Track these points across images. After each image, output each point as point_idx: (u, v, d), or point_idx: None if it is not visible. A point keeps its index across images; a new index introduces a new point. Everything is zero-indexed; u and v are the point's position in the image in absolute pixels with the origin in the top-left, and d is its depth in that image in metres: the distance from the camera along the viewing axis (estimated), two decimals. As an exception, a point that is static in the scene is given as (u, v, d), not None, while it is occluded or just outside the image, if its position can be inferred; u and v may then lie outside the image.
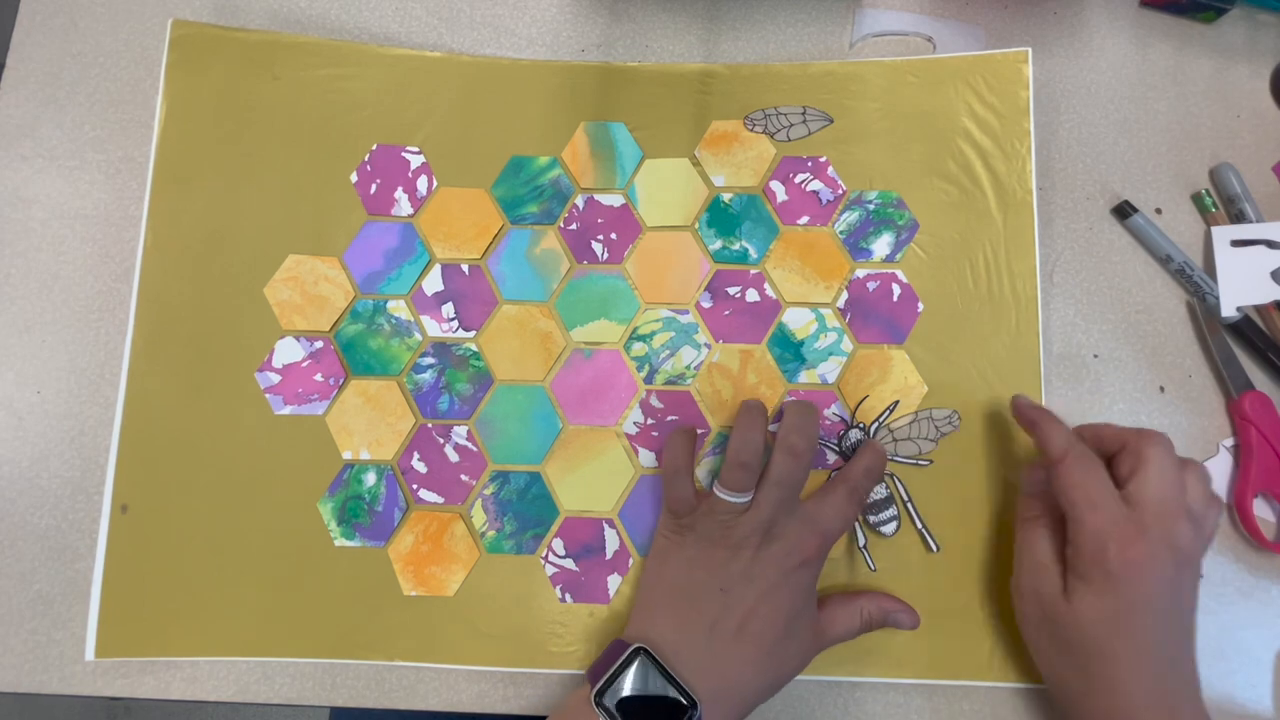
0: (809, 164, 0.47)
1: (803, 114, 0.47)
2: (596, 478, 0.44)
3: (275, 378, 0.45)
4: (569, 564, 0.43)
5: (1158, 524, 0.36)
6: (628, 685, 0.36)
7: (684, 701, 0.35)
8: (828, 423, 0.44)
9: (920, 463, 0.44)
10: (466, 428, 0.44)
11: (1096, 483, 0.37)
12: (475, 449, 0.44)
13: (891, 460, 0.44)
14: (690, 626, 0.38)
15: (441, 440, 0.44)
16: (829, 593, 0.42)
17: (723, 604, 0.38)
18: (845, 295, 0.46)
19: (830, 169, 0.47)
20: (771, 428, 0.43)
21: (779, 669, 0.38)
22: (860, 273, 0.46)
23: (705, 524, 0.39)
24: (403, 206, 0.47)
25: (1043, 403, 0.44)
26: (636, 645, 0.37)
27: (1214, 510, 0.38)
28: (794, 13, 0.51)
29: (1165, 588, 0.36)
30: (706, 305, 0.46)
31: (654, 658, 0.36)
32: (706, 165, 0.47)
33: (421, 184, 0.47)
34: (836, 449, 0.44)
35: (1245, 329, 0.46)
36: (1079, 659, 0.36)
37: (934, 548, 0.43)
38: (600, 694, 0.36)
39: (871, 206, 0.47)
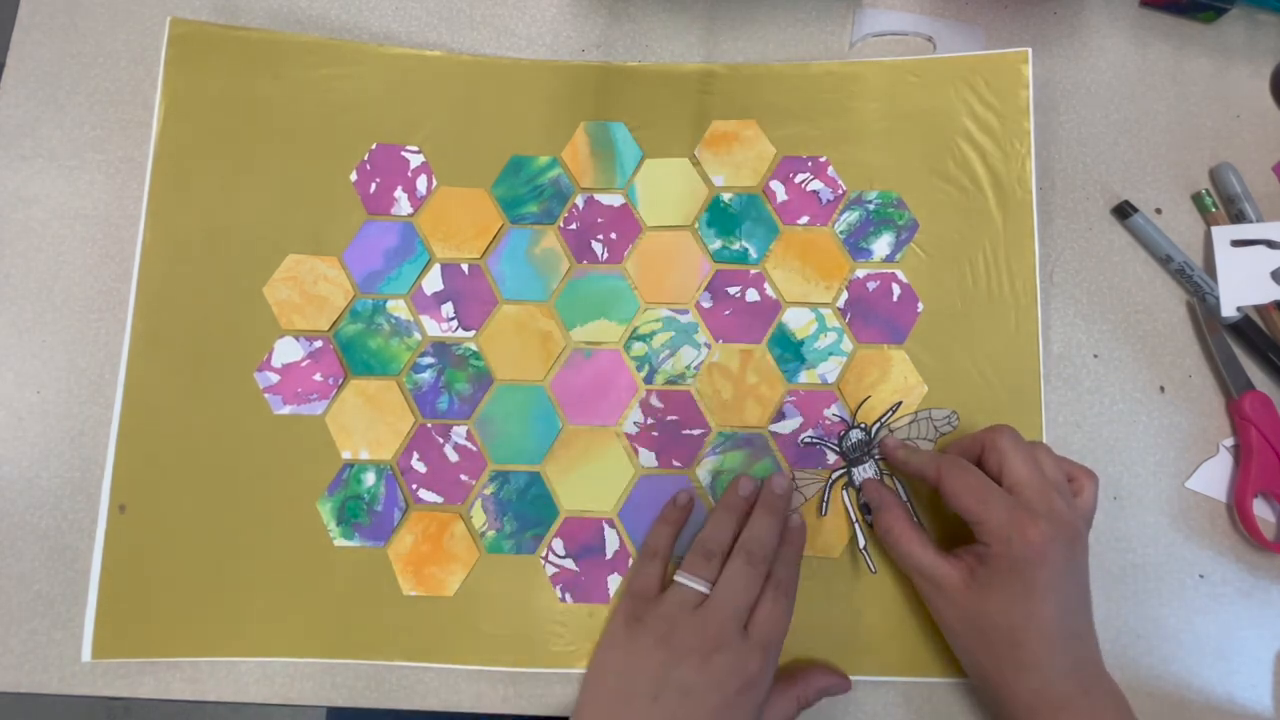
0: (809, 164, 0.47)
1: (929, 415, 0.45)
2: (596, 478, 0.44)
3: (274, 377, 0.45)
4: (569, 564, 0.43)
5: (1041, 501, 0.37)
6: None
7: None
8: (828, 423, 0.44)
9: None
10: (466, 427, 0.44)
11: (977, 482, 0.38)
12: (475, 449, 0.44)
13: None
14: None
15: (441, 440, 0.44)
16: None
17: (652, 714, 0.36)
18: (845, 295, 0.46)
19: (830, 169, 0.47)
20: (782, 435, 0.44)
21: None
22: (860, 272, 0.46)
23: (655, 618, 0.39)
24: (402, 206, 0.47)
25: (1043, 402, 0.44)
26: None
27: (1085, 480, 0.40)
28: (794, 13, 0.51)
29: (1063, 563, 0.37)
30: (706, 305, 0.46)
31: None
32: (706, 165, 0.47)
33: (421, 183, 0.47)
34: (837, 449, 0.44)
35: (1245, 329, 0.46)
36: (990, 642, 0.38)
37: (934, 547, 0.43)
38: None
39: (871, 206, 0.46)
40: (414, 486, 0.44)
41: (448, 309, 0.46)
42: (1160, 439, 0.45)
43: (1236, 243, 0.46)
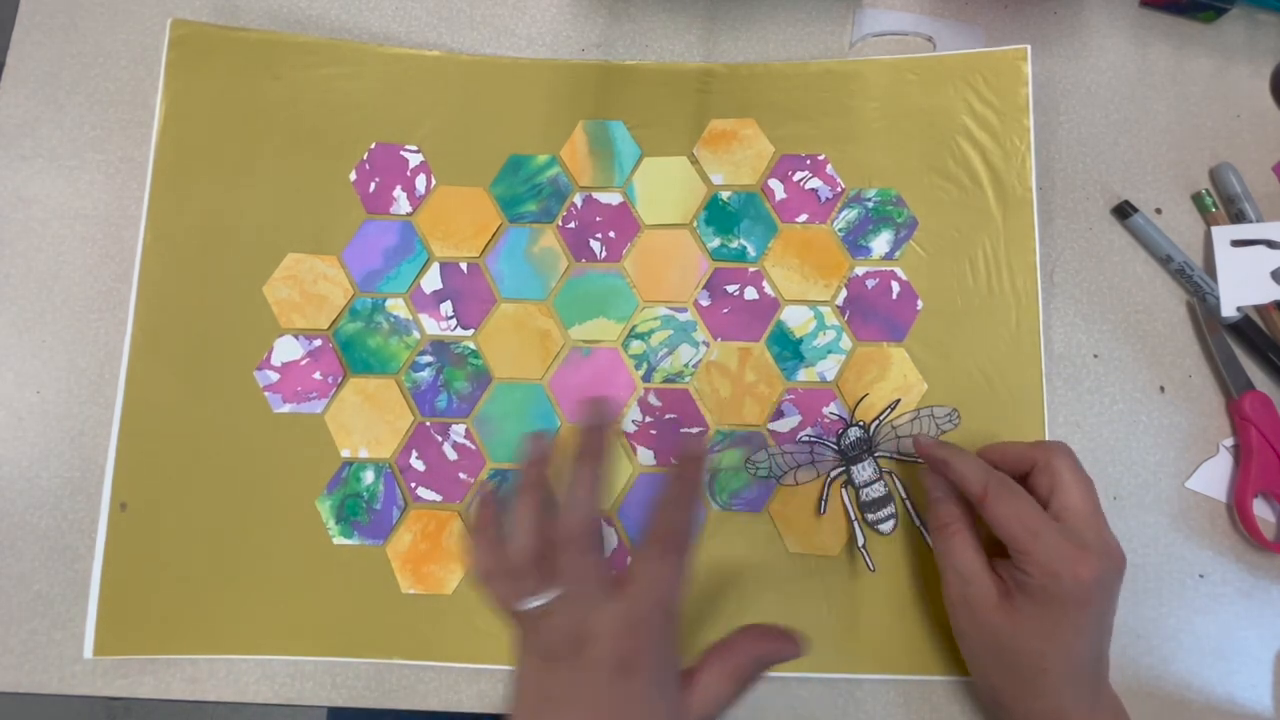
0: (807, 162, 0.47)
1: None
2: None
3: (274, 376, 0.45)
4: (567, 563, 0.43)
5: (1094, 537, 0.36)
6: None
7: None
8: (827, 421, 0.44)
9: (920, 461, 0.43)
10: (465, 426, 0.44)
11: (1028, 510, 0.36)
12: (473, 447, 0.44)
13: (892, 458, 0.44)
14: None
15: (440, 438, 0.44)
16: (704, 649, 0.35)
17: None
18: (844, 293, 0.46)
19: (829, 167, 0.47)
20: (787, 446, 0.44)
21: None
22: (859, 270, 0.46)
23: (520, 629, 0.34)
24: (401, 205, 0.47)
25: (1044, 401, 0.44)
26: None
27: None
28: (794, 12, 0.51)
29: (1107, 600, 0.36)
30: (705, 303, 0.46)
31: None
32: (705, 163, 0.47)
33: (420, 183, 0.47)
34: (835, 447, 0.44)
35: (1245, 329, 0.46)
36: (1011, 664, 0.37)
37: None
38: None
39: (870, 204, 0.46)
40: (413, 485, 0.44)
41: (446, 308, 0.46)
42: (1160, 439, 0.45)
43: (1236, 243, 0.46)
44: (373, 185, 0.47)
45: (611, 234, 0.46)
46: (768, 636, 0.35)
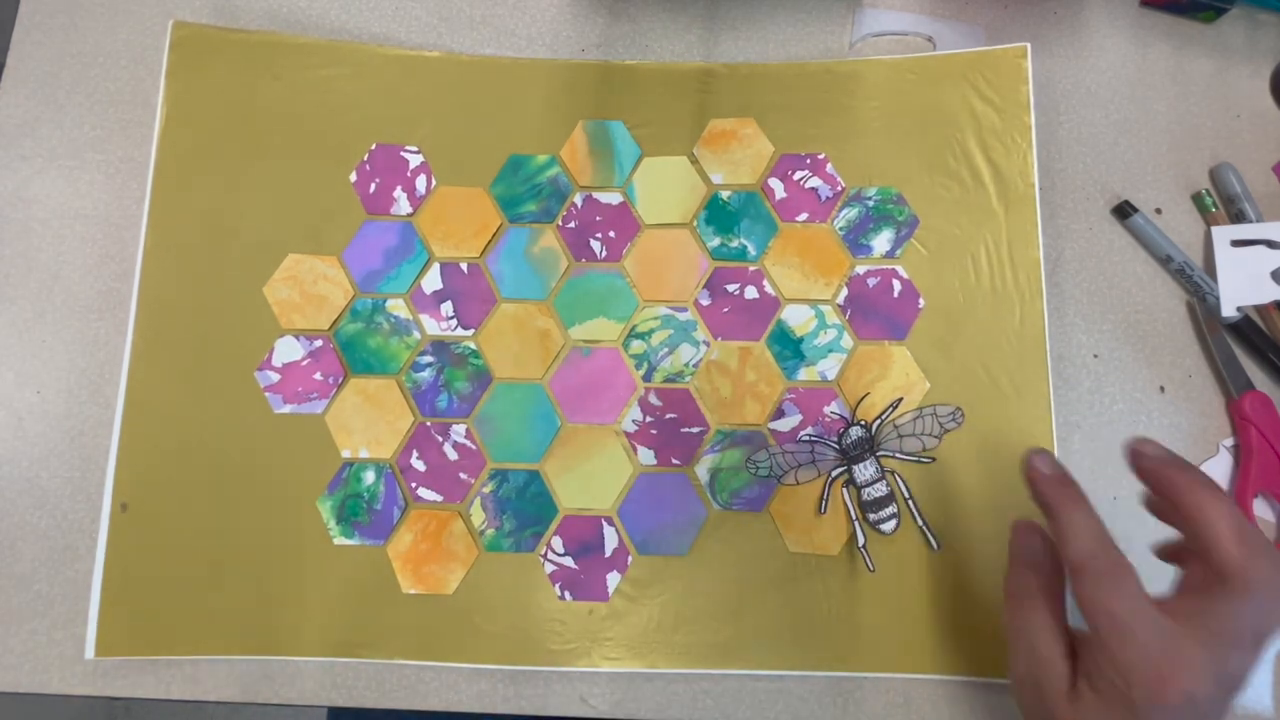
0: (807, 161, 0.47)
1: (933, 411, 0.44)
2: (595, 476, 0.44)
3: (274, 376, 0.45)
4: (568, 562, 0.43)
5: (1217, 649, 0.29)
6: None
7: None
8: (828, 420, 0.44)
9: (923, 460, 0.44)
10: (465, 426, 0.44)
11: (1128, 605, 0.30)
12: (474, 447, 0.44)
13: (894, 457, 0.44)
14: None
15: (440, 439, 0.44)
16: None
17: None
18: (845, 292, 0.46)
19: (829, 166, 0.47)
20: (788, 444, 0.44)
21: None
22: (860, 269, 0.46)
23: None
24: (401, 205, 0.47)
25: (1051, 398, 0.44)
26: None
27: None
28: (794, 13, 0.51)
29: (1193, 716, 0.29)
30: (705, 303, 0.46)
31: None
32: (705, 163, 0.47)
33: (420, 183, 0.47)
34: (837, 447, 0.44)
35: (1245, 329, 0.46)
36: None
37: (935, 546, 0.43)
38: None
39: (871, 202, 0.47)
40: (413, 485, 0.44)
41: (447, 308, 0.46)
42: (1160, 439, 0.44)
43: (1236, 243, 0.46)
44: (373, 186, 0.47)
45: (611, 234, 0.46)
46: None
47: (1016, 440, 0.44)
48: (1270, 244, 0.46)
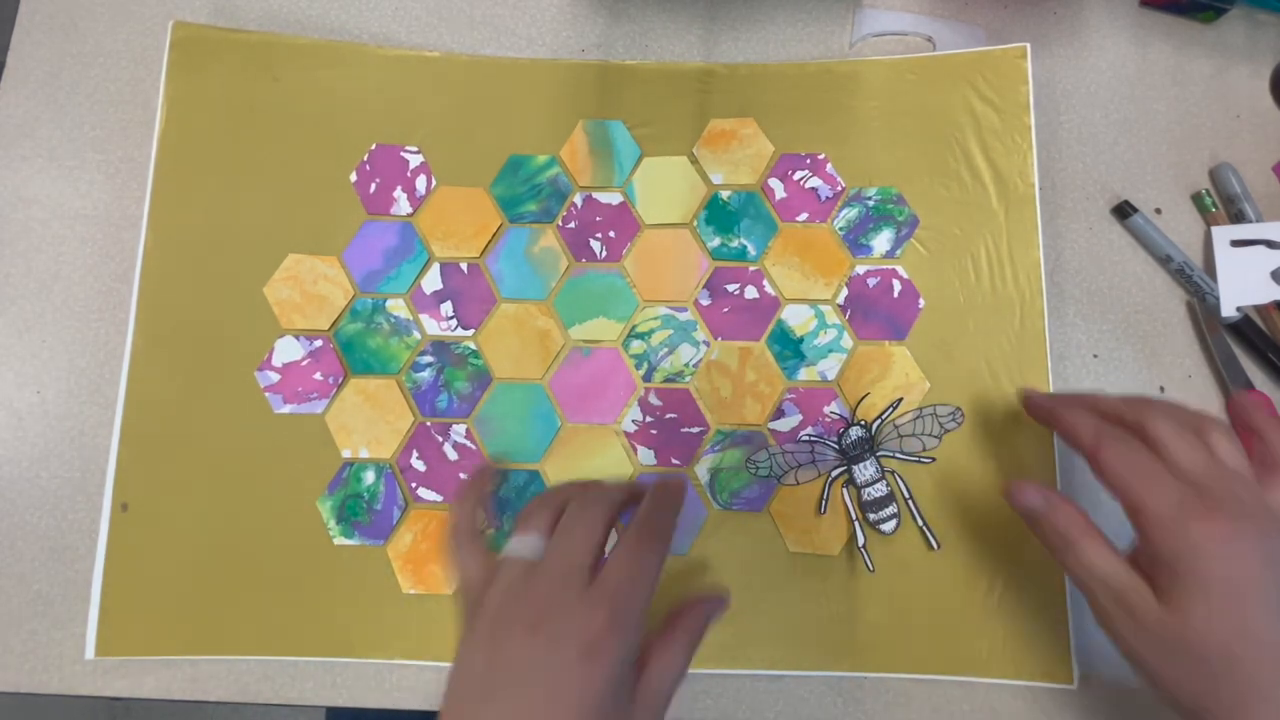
0: (807, 161, 0.47)
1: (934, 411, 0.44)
2: (595, 476, 0.43)
3: (275, 376, 0.45)
4: (568, 563, 0.43)
5: (1219, 488, 0.32)
6: None
7: None
8: (828, 420, 0.44)
9: (923, 460, 0.44)
10: (465, 426, 0.44)
11: (1146, 462, 0.33)
12: (474, 447, 0.44)
13: (894, 457, 0.44)
14: None
15: (440, 439, 0.44)
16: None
17: (486, 717, 0.30)
18: (845, 292, 0.46)
19: (829, 166, 0.47)
20: (789, 447, 0.44)
21: None
22: (860, 269, 0.46)
23: (486, 604, 0.33)
24: (401, 205, 0.47)
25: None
26: None
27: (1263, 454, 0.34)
28: (794, 13, 0.51)
29: (1262, 562, 0.31)
30: (705, 303, 0.46)
31: None
32: (705, 163, 0.47)
33: (420, 183, 0.47)
34: (836, 447, 0.44)
35: (1245, 329, 0.46)
36: (1197, 667, 0.31)
37: (935, 545, 0.43)
38: None
39: (871, 202, 0.47)
40: (413, 485, 0.44)
41: (447, 308, 0.46)
42: None
43: (1236, 243, 0.46)
44: (373, 186, 0.47)
45: (611, 234, 0.46)
46: (701, 601, 0.36)
47: (1017, 440, 0.44)
48: (1270, 244, 0.46)
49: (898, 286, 0.46)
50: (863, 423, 0.44)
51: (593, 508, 0.35)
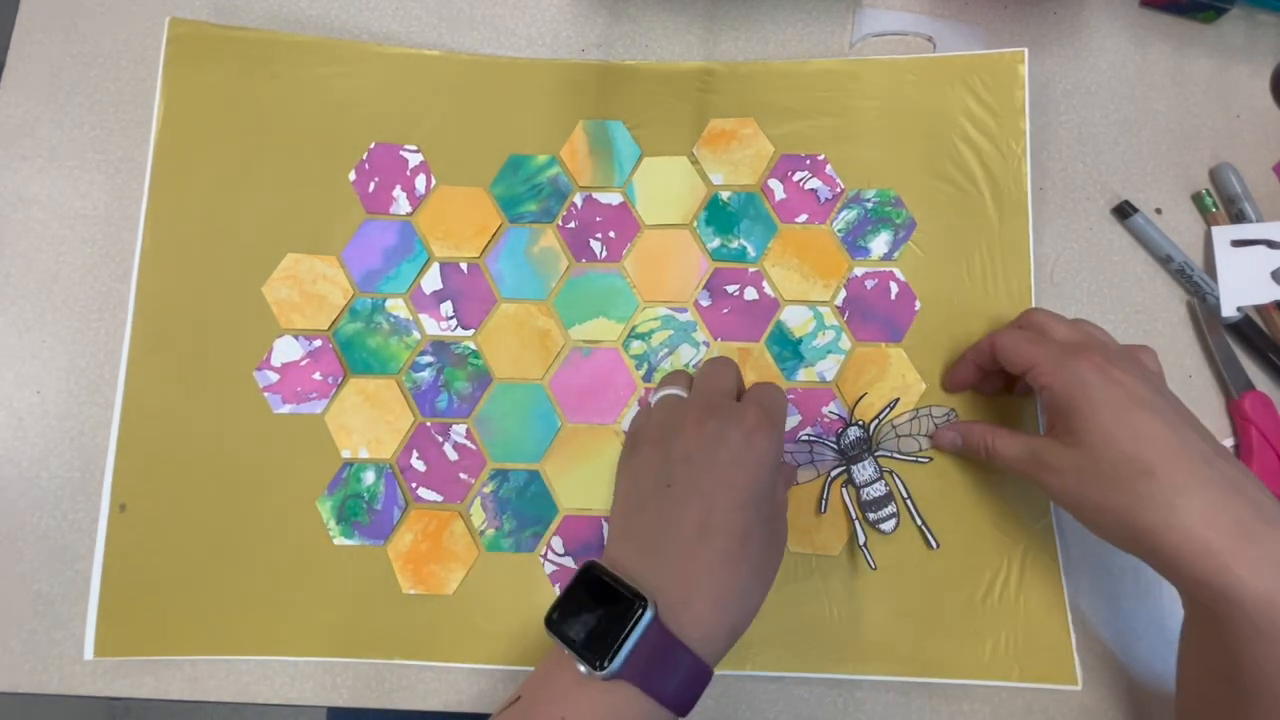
0: (807, 162, 0.47)
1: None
2: (595, 476, 0.44)
3: (274, 376, 0.45)
4: (568, 562, 0.43)
5: (1093, 341, 0.38)
6: (579, 604, 0.34)
7: (634, 602, 0.32)
8: (826, 421, 0.44)
9: (920, 459, 0.44)
10: (465, 426, 0.44)
11: (1032, 335, 0.39)
12: (474, 447, 0.44)
13: (892, 457, 0.44)
14: (642, 538, 0.35)
15: (440, 439, 0.44)
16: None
17: (670, 502, 0.35)
18: (843, 293, 0.46)
19: (828, 167, 0.47)
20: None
21: (764, 558, 0.36)
22: (858, 271, 0.46)
23: (648, 431, 0.39)
24: (401, 205, 0.47)
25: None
26: (584, 564, 0.35)
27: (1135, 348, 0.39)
28: (794, 13, 0.51)
29: (1136, 380, 0.35)
30: (705, 303, 0.46)
31: (600, 568, 0.34)
32: (705, 163, 0.47)
33: (420, 182, 0.47)
34: (835, 447, 0.44)
35: (1245, 329, 0.46)
36: (1121, 486, 0.34)
37: (934, 544, 0.43)
38: (553, 620, 0.34)
39: (869, 205, 0.47)
40: (413, 485, 0.44)
41: (447, 308, 0.46)
42: None
43: (1236, 243, 0.46)
44: (372, 185, 0.47)
45: (611, 234, 0.46)
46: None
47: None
48: (1270, 244, 0.46)
49: (895, 288, 0.46)
50: (861, 423, 0.44)
51: (725, 360, 0.42)
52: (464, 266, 0.46)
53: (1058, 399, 0.36)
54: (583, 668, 0.32)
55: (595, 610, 0.33)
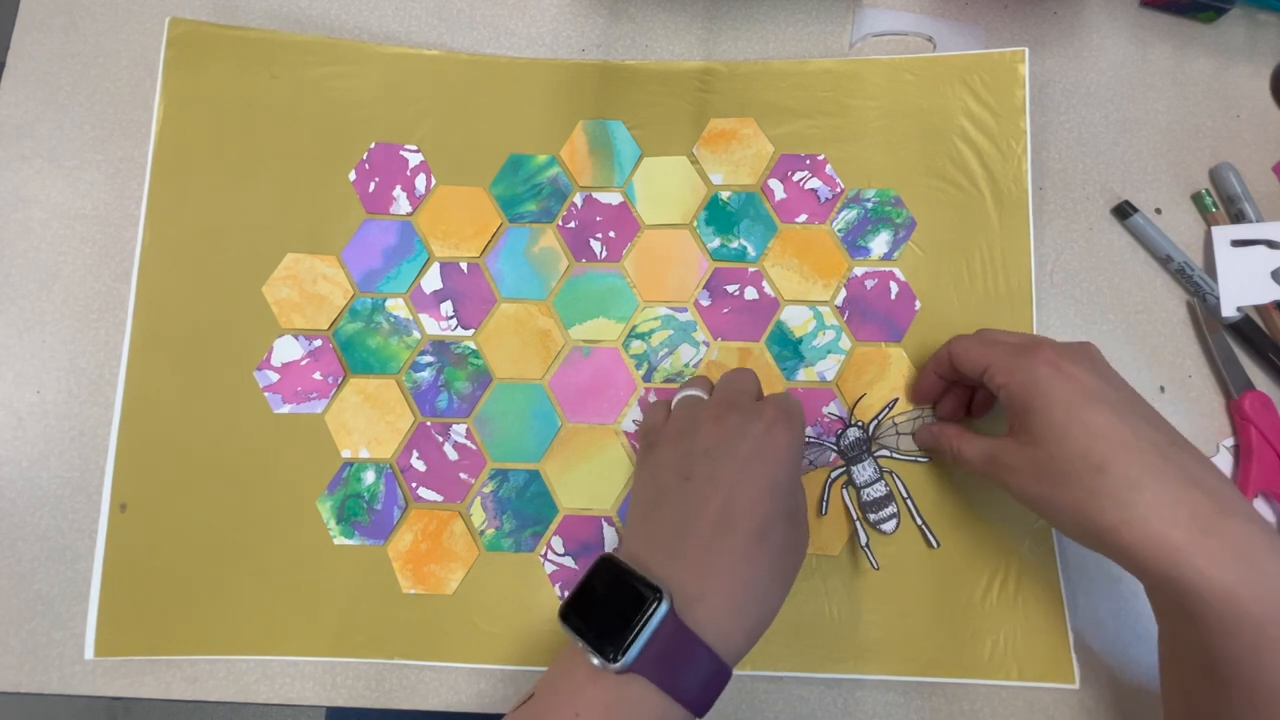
0: (807, 162, 0.47)
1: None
2: (595, 476, 0.44)
3: (274, 376, 0.45)
4: (568, 562, 0.43)
5: (1043, 340, 0.37)
6: (593, 597, 0.33)
7: (648, 595, 0.32)
8: (826, 421, 0.44)
9: (919, 459, 0.44)
10: (465, 426, 0.44)
11: (986, 340, 0.39)
12: (474, 447, 0.44)
13: (892, 458, 0.44)
14: (659, 531, 0.35)
15: (440, 439, 0.44)
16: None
17: (689, 495, 0.35)
18: (843, 293, 0.46)
19: (828, 167, 0.47)
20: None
21: (783, 555, 0.35)
22: (858, 271, 0.46)
23: (668, 429, 0.39)
24: (401, 205, 0.47)
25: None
26: (600, 556, 0.34)
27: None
28: (794, 12, 0.51)
29: (1091, 374, 0.35)
30: (705, 303, 0.46)
31: (615, 560, 0.34)
32: (705, 163, 0.47)
33: (420, 182, 0.47)
34: (835, 447, 0.44)
35: (1245, 329, 0.46)
36: (1076, 481, 0.33)
37: (934, 544, 0.43)
38: (567, 613, 0.33)
39: (869, 205, 0.47)
40: (413, 485, 0.44)
41: (447, 308, 0.46)
42: None
43: (1236, 243, 0.46)
44: (372, 185, 0.47)
45: (611, 234, 0.46)
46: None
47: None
48: (1270, 244, 0.46)
49: (895, 288, 0.46)
50: (860, 423, 0.44)
51: (746, 369, 0.42)
52: (464, 266, 0.46)
53: (1014, 398, 0.36)
54: (596, 660, 0.32)
55: (609, 603, 0.33)
